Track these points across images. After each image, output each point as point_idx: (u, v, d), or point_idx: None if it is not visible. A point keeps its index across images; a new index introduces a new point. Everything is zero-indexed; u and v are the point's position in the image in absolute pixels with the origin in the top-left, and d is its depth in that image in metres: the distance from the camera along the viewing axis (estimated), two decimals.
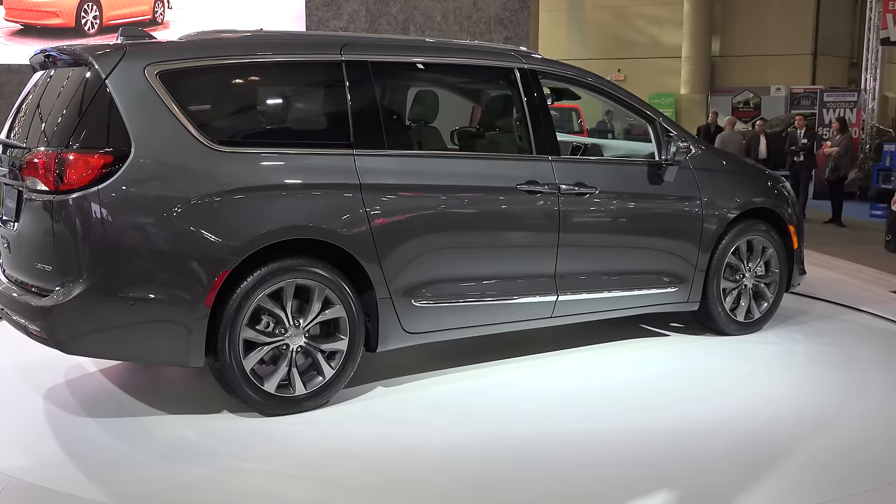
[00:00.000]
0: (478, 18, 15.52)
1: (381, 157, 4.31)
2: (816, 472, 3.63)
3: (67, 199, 3.72)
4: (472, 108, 5.46)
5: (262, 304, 3.98)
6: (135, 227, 3.77)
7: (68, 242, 3.74)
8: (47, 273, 3.82)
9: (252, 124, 4.39)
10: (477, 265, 4.60)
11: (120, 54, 3.91)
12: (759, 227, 5.56)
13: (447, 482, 3.49)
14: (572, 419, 4.15)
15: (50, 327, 3.77)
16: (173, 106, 3.89)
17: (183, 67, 4.00)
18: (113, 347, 3.89)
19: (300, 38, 5.05)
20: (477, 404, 4.35)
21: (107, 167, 3.73)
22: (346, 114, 4.28)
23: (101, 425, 4.00)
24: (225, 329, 3.90)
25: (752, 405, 4.37)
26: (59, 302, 3.72)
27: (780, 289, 5.71)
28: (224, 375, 3.97)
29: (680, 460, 3.71)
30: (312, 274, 4.07)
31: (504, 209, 4.63)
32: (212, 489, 3.40)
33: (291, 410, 4.10)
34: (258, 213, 3.94)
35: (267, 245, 3.95)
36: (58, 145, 3.80)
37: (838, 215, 12.55)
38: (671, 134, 5.25)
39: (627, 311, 5.25)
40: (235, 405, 4.15)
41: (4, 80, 13.81)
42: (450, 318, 4.54)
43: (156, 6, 15.01)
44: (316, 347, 4.13)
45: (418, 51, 4.88)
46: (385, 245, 4.23)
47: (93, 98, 3.82)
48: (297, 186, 4.08)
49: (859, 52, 19.51)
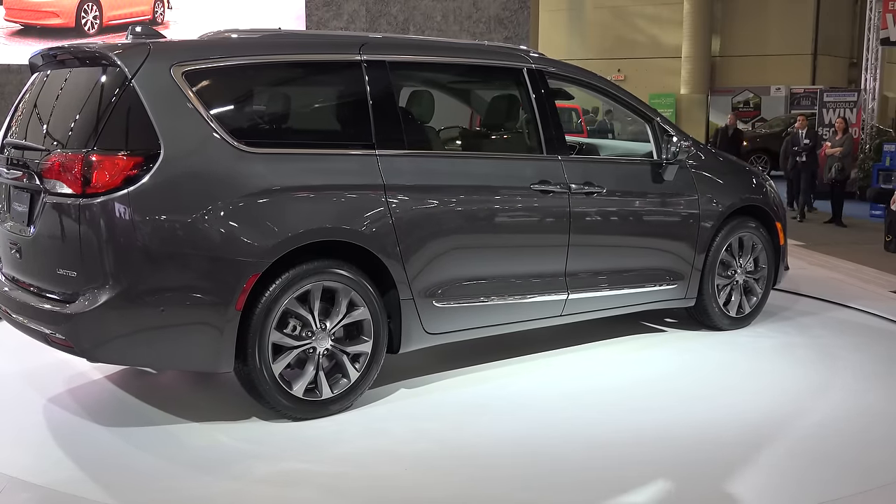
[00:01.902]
0: (478, 18, 15.52)
1: (401, 157, 4.30)
2: (816, 471, 3.63)
3: (95, 202, 3.61)
4: (486, 107, 5.47)
5: (290, 306, 3.92)
6: (165, 230, 3.67)
7: (96, 247, 3.62)
8: (71, 279, 3.69)
9: (276, 125, 4.37)
10: (494, 265, 4.62)
11: (144, 53, 3.80)
12: (750, 225, 5.70)
13: (488, 480, 3.51)
14: (602, 415, 4.16)
15: (75, 334, 3.66)
16: (200, 106, 3.81)
17: (208, 67, 3.93)
18: (140, 354, 3.77)
19: (321, 37, 5.05)
20: (496, 404, 4.35)
21: (136, 169, 3.63)
22: (368, 113, 4.26)
23: (109, 429, 3.98)
24: (254, 333, 3.82)
25: (753, 403, 4.37)
26: (86, 309, 3.60)
27: (767, 284, 5.86)
28: (253, 381, 3.88)
29: (680, 460, 3.71)
30: (338, 276, 4.03)
31: (521, 209, 4.69)
32: (269, 491, 3.38)
33: (319, 414, 4.05)
34: (287, 214, 3.89)
35: (296, 247, 3.90)
36: (81, 147, 3.68)
37: (839, 215, 12.55)
38: (670, 133, 5.33)
39: (630, 309, 5.33)
40: (248, 410, 4.14)
41: (4, 80, 13.81)
42: (467, 319, 4.55)
43: (156, 6, 15.01)
44: (342, 350, 4.09)
45: (435, 51, 4.91)
46: (408, 246, 4.22)
47: (118, 98, 3.71)
48: (325, 187, 4.04)
49: (859, 52, 19.50)
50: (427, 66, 4.87)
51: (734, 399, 4.47)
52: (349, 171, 4.15)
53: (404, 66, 4.62)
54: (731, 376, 4.88)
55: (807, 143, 13.15)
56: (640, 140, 5.76)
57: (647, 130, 5.40)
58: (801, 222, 12.70)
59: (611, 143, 7.78)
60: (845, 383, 4.74)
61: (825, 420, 4.19)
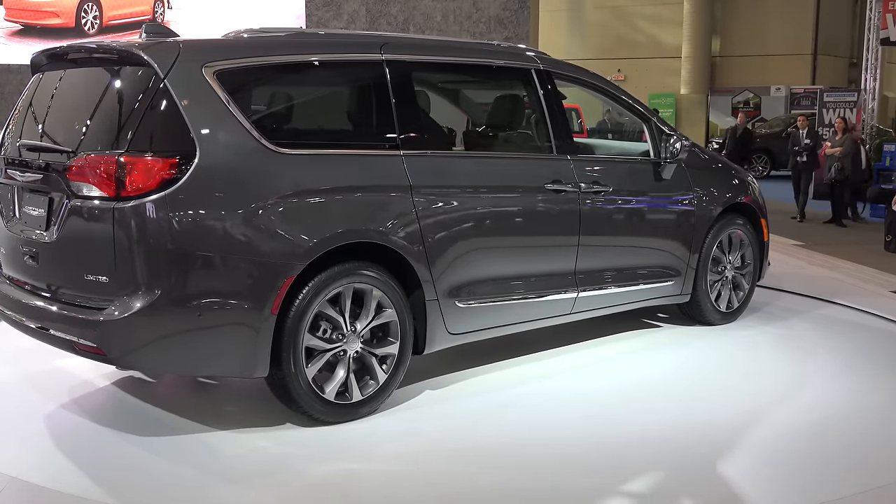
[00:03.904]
0: (478, 18, 15.51)
1: (425, 157, 4.30)
2: (817, 471, 3.62)
3: (130, 205, 3.48)
4: (501, 108, 5.50)
5: (322, 309, 3.87)
6: (202, 233, 3.57)
7: (131, 251, 3.51)
8: (102, 284, 3.57)
9: (305, 125, 4.34)
10: (513, 264, 4.65)
11: (175, 52, 3.70)
12: (738, 222, 5.83)
13: (528, 470, 3.56)
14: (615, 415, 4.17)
15: (108, 341, 3.54)
16: (233, 107, 3.73)
17: (238, 66, 3.86)
18: (175, 360, 3.67)
19: (345, 37, 5.00)
20: (523, 402, 4.38)
21: (172, 171, 3.53)
22: (392, 113, 4.24)
23: (114, 432, 3.95)
24: (289, 337, 3.75)
25: (754, 404, 4.37)
26: (120, 315, 3.49)
27: (753, 279, 6.02)
28: (287, 385, 3.81)
29: (680, 461, 3.71)
30: (368, 277, 3.99)
31: (537, 209, 4.73)
32: (334, 489, 3.41)
33: (349, 417, 4.01)
34: (321, 216, 3.85)
35: (330, 249, 3.85)
36: (112, 148, 3.57)
37: (838, 215, 12.55)
38: (668, 133, 5.44)
39: (632, 306, 5.42)
40: (267, 417, 4.14)
41: (4, 80, 13.81)
42: (487, 318, 4.57)
43: (156, 6, 15.01)
44: (370, 352, 4.06)
45: (450, 51, 4.91)
46: (433, 246, 4.21)
47: (151, 99, 3.59)
48: (355, 188, 3.99)
49: (859, 52, 19.50)
50: (444, 67, 4.88)
51: (734, 399, 4.46)
52: (377, 172, 4.12)
53: (423, 66, 4.62)
54: (730, 377, 4.88)
55: (807, 143, 13.16)
56: (633, 140, 5.82)
57: (645, 130, 5.49)
58: (800, 222, 12.71)
59: (606, 143, 7.81)
60: (845, 383, 4.73)
61: (825, 420, 4.19)
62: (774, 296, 6.76)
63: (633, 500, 3.36)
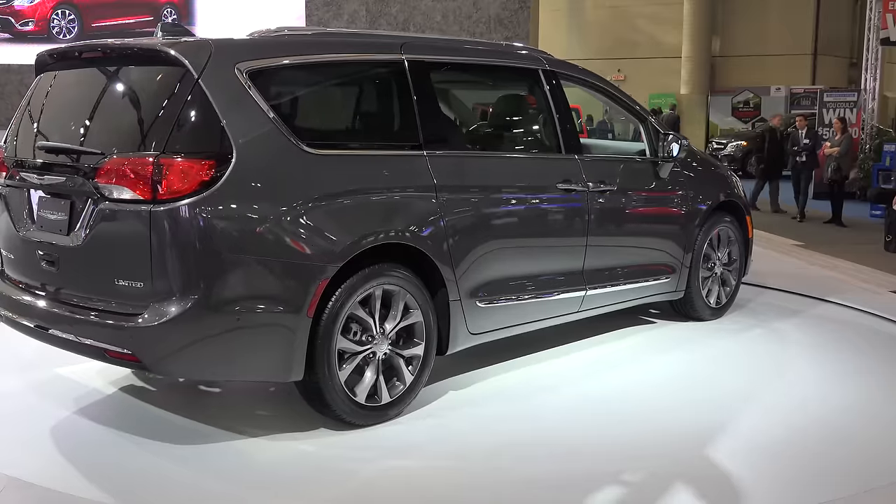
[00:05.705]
0: (478, 18, 15.50)
1: (447, 157, 4.30)
2: (817, 471, 3.63)
3: (168, 208, 3.40)
4: (513, 108, 5.53)
5: (353, 311, 3.82)
6: (239, 236, 3.50)
7: (168, 256, 3.42)
8: (136, 290, 3.48)
9: (335, 125, 4.33)
10: (529, 263, 4.69)
11: (207, 52, 3.61)
12: (726, 219, 5.95)
13: (554, 474, 3.55)
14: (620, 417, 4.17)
15: (143, 348, 3.46)
16: (266, 107, 3.67)
17: (270, 66, 3.80)
18: (209, 365, 3.62)
19: (369, 36, 4.95)
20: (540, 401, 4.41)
21: (210, 173, 3.45)
22: (414, 113, 4.23)
23: (115, 432, 3.95)
24: (323, 340, 3.71)
25: (753, 404, 4.38)
26: (156, 321, 3.41)
27: (739, 275, 6.15)
28: (321, 389, 3.76)
29: (681, 462, 3.71)
30: (397, 278, 3.97)
31: (551, 208, 4.79)
32: (402, 485, 3.43)
33: (380, 419, 3.99)
34: (355, 217, 3.83)
35: (363, 251, 3.81)
36: (146, 150, 3.48)
37: (839, 215, 12.54)
38: (666, 133, 5.52)
39: (633, 303, 5.50)
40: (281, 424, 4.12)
41: (4, 80, 13.81)
42: (504, 318, 4.59)
43: (163, 13, 15.03)
44: (398, 354, 4.04)
45: (464, 52, 4.91)
46: (457, 246, 4.21)
47: (185, 99, 3.51)
48: (384, 189, 3.99)
49: (859, 52, 19.49)
50: (461, 67, 4.89)
51: (734, 400, 4.47)
52: (405, 172, 4.11)
53: (441, 66, 4.62)
54: (731, 377, 4.89)
55: (806, 144, 13.16)
56: (627, 139, 5.89)
57: (642, 130, 5.57)
58: (800, 222, 12.70)
59: (602, 143, 7.84)
60: (847, 383, 4.74)
61: (825, 420, 4.19)
62: (774, 296, 6.78)
63: (630, 500, 3.37)
